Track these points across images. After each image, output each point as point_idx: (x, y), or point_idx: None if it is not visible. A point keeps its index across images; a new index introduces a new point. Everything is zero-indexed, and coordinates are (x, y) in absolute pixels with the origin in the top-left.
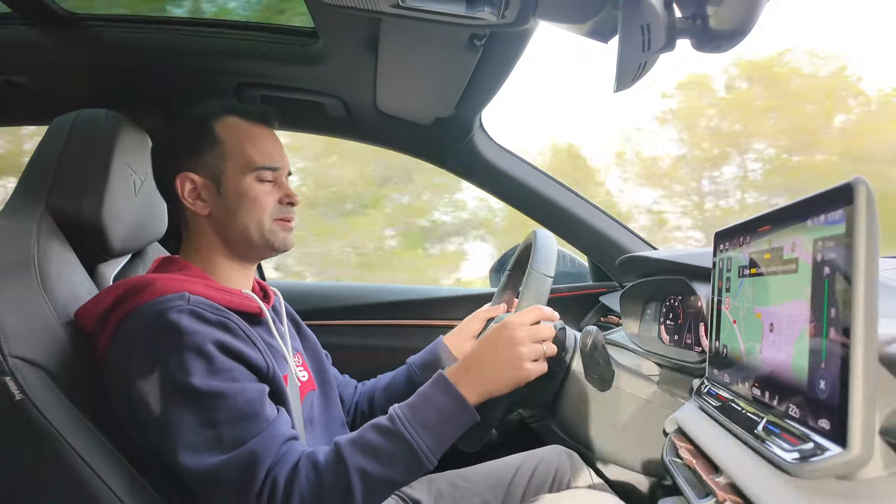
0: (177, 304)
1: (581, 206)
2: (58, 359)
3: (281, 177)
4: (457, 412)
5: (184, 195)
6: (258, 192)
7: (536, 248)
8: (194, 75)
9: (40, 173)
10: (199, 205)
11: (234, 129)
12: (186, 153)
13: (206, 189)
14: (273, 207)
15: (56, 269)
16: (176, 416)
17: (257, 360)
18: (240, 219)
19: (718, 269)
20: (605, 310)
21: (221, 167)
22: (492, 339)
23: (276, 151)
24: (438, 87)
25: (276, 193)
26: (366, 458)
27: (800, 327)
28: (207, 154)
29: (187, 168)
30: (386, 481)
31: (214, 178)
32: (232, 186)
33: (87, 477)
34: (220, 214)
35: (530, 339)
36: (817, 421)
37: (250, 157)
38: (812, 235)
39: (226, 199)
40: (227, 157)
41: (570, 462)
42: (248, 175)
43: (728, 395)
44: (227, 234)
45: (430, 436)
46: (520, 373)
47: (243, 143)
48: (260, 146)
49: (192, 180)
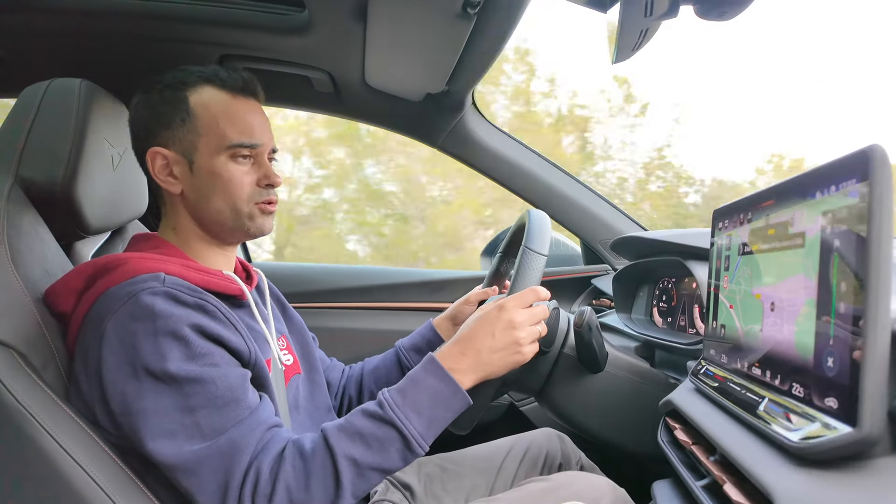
0: (151, 285)
1: (573, 188)
2: (30, 339)
3: (262, 155)
4: (449, 396)
5: (154, 171)
6: (233, 172)
7: (530, 226)
8: (175, 45)
9: (8, 145)
10: (170, 182)
11: (210, 101)
12: (158, 126)
13: (177, 165)
14: (250, 190)
15: (27, 245)
16: (151, 403)
17: (238, 344)
18: (213, 201)
19: (717, 248)
20: (597, 293)
21: (194, 143)
22: (489, 320)
23: (257, 126)
24: (429, 60)
25: (255, 174)
26: (354, 445)
27: (802, 303)
28: (179, 128)
29: (158, 142)
30: (375, 468)
31: (186, 155)
32: (205, 165)
33: (65, 463)
34: (193, 194)
35: (528, 322)
36: (824, 400)
37: (225, 133)
38: (821, 208)
39: (198, 179)
40: (200, 133)
41: (561, 444)
42: (221, 153)
43: (726, 375)
44: (200, 215)
45: (421, 421)
46: (517, 357)
47: (219, 118)
48: (238, 121)
49: (164, 156)
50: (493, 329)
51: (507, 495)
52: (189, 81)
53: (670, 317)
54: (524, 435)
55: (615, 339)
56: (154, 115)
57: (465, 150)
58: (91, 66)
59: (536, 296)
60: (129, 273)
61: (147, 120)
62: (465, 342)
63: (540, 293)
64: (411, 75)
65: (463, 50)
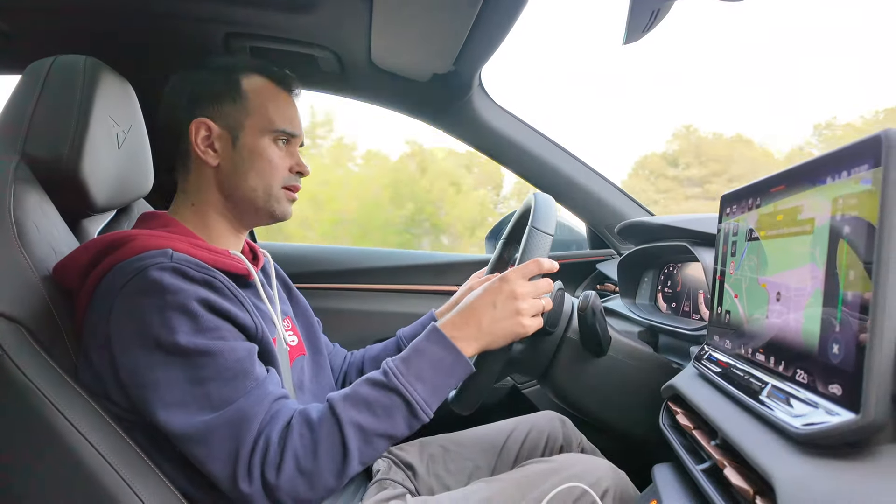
0: (158, 260)
1: (581, 171)
2: (38, 315)
3: (294, 146)
4: (452, 364)
5: (196, 141)
6: (273, 154)
7: (536, 207)
8: (180, 23)
9: (14, 121)
10: (210, 154)
11: (260, 88)
12: (208, 100)
13: (220, 140)
14: (284, 174)
15: (33, 222)
16: (161, 375)
17: (245, 320)
18: (250, 178)
19: (724, 233)
20: (601, 277)
21: (241, 121)
22: (491, 291)
23: (295, 119)
24: (437, 39)
25: (289, 160)
26: (360, 412)
27: (810, 294)
28: (230, 105)
29: (206, 114)
30: (381, 434)
31: (232, 131)
32: (249, 143)
33: (72, 437)
34: (230, 169)
35: (531, 294)
36: (828, 386)
37: (272, 118)
38: (832, 194)
39: (239, 154)
40: (249, 113)
41: (563, 427)
42: (266, 135)
43: (730, 360)
44: (231, 190)
45: (424, 387)
46: (518, 329)
47: (267, 103)
48: (283, 110)
49: (209, 127)
50: (494, 299)
51: (509, 476)
52: (242, 66)
53: (674, 302)
54: (526, 417)
55: (619, 324)
56: (204, 89)
57: (471, 132)
58: (95, 42)
59: (539, 267)
60: (138, 249)
61: (194, 92)
62: (467, 312)
63: (543, 265)
64: (418, 55)
65: (471, 28)
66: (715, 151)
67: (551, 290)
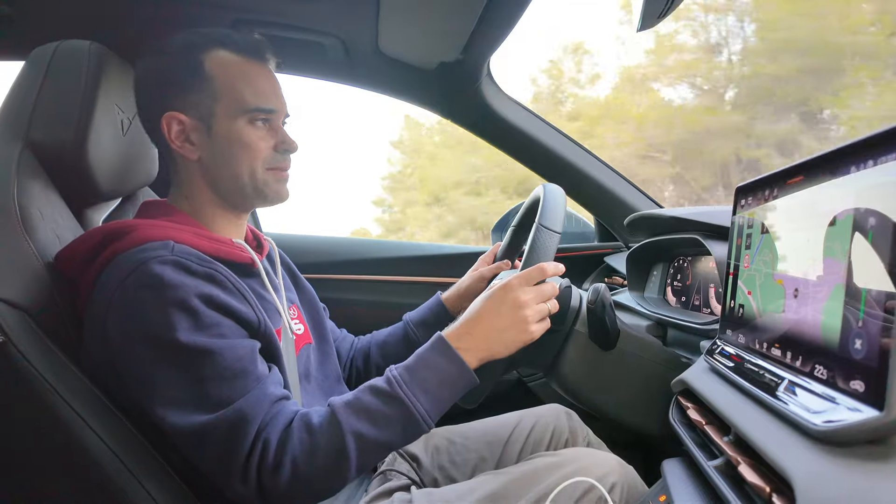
0: (160, 253)
1: (589, 163)
2: (42, 302)
3: (277, 120)
4: (456, 375)
5: (171, 137)
6: (251, 137)
7: (545, 202)
8: (187, 8)
9: (18, 108)
10: (187, 148)
11: (225, 65)
12: (174, 90)
13: (195, 131)
14: (267, 154)
15: (38, 209)
16: (160, 371)
17: (247, 314)
18: (231, 166)
19: (738, 225)
20: (609, 270)
21: (211, 108)
22: (495, 300)
23: (271, 91)
24: (444, 26)
25: (271, 139)
26: (361, 421)
27: (830, 290)
28: (196, 92)
29: (175, 107)
30: (382, 444)
31: (204, 120)
32: (223, 130)
33: (74, 424)
34: (210, 160)
35: (535, 300)
36: (849, 382)
37: (244, 97)
38: (855, 185)
39: (216, 144)
40: (217, 98)
41: (569, 421)
42: (240, 118)
43: (743, 355)
44: (216, 181)
45: (428, 399)
46: (524, 336)
47: (235, 82)
48: (254, 85)
49: (181, 121)
50: (498, 308)
51: (515, 469)
52: (202, 44)
53: (684, 296)
54: (532, 410)
55: (627, 318)
56: (168, 79)
57: (478, 122)
58: (100, 27)
59: (543, 273)
60: (139, 240)
61: (160, 84)
62: (471, 322)
63: (548, 270)
64: (426, 43)
65: (480, 16)
66: None
67: (556, 294)
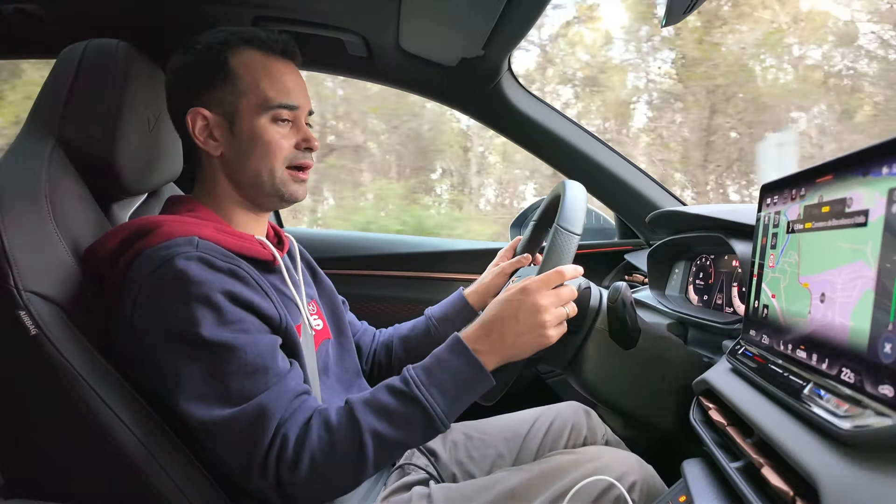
0: (185, 249)
1: (611, 159)
2: (72, 295)
3: (300, 118)
4: (473, 378)
5: (195, 132)
6: (273, 135)
7: (564, 202)
8: (209, 6)
9: (50, 105)
10: (210, 144)
11: (250, 62)
12: (199, 87)
13: (218, 127)
14: (288, 153)
15: (69, 204)
16: (184, 366)
17: (269, 310)
18: (252, 163)
19: (763, 224)
20: (629, 268)
21: (235, 104)
22: (513, 303)
23: (295, 88)
24: (466, 22)
25: (294, 137)
26: (379, 420)
27: (861, 291)
28: (221, 89)
29: (200, 103)
30: (399, 443)
31: (228, 116)
32: (246, 126)
33: (105, 415)
34: (232, 156)
35: (553, 304)
36: (877, 387)
37: (266, 94)
38: (888, 184)
39: (239, 140)
40: (241, 94)
41: (588, 419)
42: (263, 115)
43: (767, 356)
44: (238, 178)
45: (444, 400)
46: (542, 341)
47: (259, 79)
48: (278, 82)
49: (205, 116)
50: (516, 313)
51: (534, 466)
52: (229, 42)
53: (706, 295)
54: (550, 407)
55: (647, 316)
56: (194, 75)
57: (499, 118)
58: (126, 26)
59: (562, 277)
60: (164, 236)
61: (187, 81)
62: (489, 325)
63: (566, 274)
64: (447, 39)
65: (501, 12)
66: None
67: (574, 297)
